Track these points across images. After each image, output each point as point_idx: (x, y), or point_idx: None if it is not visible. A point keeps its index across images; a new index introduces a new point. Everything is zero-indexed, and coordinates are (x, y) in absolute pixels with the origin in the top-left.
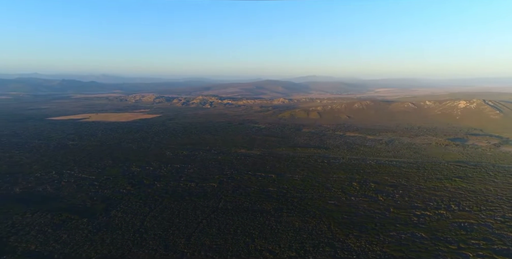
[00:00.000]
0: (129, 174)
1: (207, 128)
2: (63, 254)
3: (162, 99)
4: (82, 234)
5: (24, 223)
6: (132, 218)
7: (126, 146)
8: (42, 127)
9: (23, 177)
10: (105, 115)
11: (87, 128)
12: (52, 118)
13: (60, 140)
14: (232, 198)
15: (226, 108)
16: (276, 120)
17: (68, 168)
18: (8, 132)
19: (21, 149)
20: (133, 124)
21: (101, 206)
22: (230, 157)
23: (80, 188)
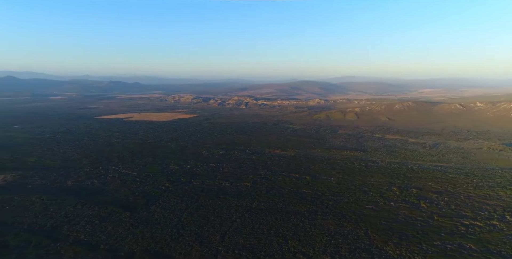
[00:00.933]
0: (167, 171)
1: (242, 128)
2: (108, 245)
3: (199, 100)
4: (125, 227)
5: (75, 213)
6: (170, 214)
7: (165, 145)
8: (91, 125)
9: (74, 171)
10: (147, 114)
11: (130, 127)
12: (100, 117)
13: (107, 137)
14: (265, 198)
15: (260, 108)
16: (311, 121)
17: (113, 164)
18: (63, 129)
19: (73, 145)
20: (172, 123)
21: (142, 201)
22: (264, 158)
23: (124, 184)
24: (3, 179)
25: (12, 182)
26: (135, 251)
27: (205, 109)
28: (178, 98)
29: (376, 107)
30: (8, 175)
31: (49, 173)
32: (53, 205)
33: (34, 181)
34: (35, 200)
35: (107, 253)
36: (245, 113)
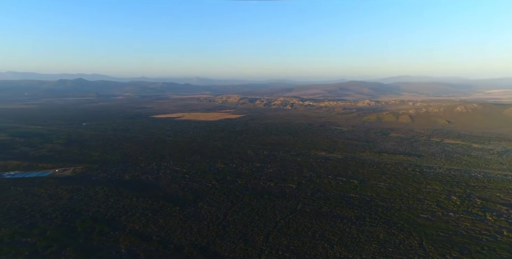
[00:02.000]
0: (214, 169)
1: (287, 129)
2: (160, 237)
3: (246, 100)
4: (175, 221)
5: (131, 205)
6: (216, 211)
7: (213, 144)
8: (146, 124)
9: (131, 166)
10: (196, 114)
11: (180, 126)
12: (154, 116)
13: (160, 135)
14: (310, 201)
15: (307, 109)
16: (360, 123)
17: (165, 160)
18: (122, 127)
19: (130, 142)
20: (219, 123)
21: (190, 197)
22: (310, 159)
23: (174, 180)
24: (73, 171)
25: (80, 174)
26: (184, 244)
27: (251, 110)
28: (226, 99)
29: (433, 109)
30: (77, 168)
31: (110, 167)
32: (113, 197)
33: (97, 174)
34: (98, 191)
35: (159, 245)
36: (291, 114)
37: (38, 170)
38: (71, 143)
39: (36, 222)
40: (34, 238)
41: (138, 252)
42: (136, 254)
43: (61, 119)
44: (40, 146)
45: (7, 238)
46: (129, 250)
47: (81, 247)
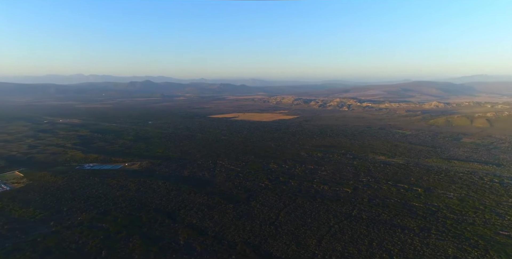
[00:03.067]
0: (267, 170)
1: (343, 131)
2: (214, 232)
3: (300, 101)
4: (228, 217)
5: (189, 200)
6: (269, 211)
7: (266, 144)
8: (204, 123)
9: (190, 163)
10: (250, 114)
11: (235, 126)
12: (211, 116)
13: (216, 134)
14: (367, 207)
15: (365, 111)
16: (426, 126)
17: (220, 159)
18: (182, 126)
19: (189, 140)
20: (273, 124)
21: (244, 195)
22: (367, 163)
23: (229, 178)
24: (139, 165)
25: (145, 168)
26: (237, 241)
27: (306, 111)
28: (280, 100)
29: None
30: (143, 162)
31: (171, 163)
32: (173, 191)
33: (160, 169)
34: (161, 185)
35: (214, 240)
36: (347, 116)
37: (112, 163)
38: (139, 139)
39: (109, 209)
40: (107, 223)
41: (195, 245)
42: (193, 247)
43: (131, 117)
44: (114, 142)
45: (87, 222)
46: (187, 243)
47: (146, 236)
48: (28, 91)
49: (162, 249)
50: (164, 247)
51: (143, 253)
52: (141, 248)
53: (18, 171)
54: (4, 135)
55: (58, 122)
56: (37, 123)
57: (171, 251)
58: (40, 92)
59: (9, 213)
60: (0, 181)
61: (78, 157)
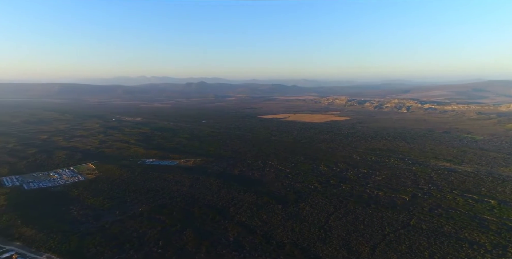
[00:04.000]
0: (317, 172)
1: (401, 134)
2: (263, 231)
3: (354, 102)
4: (277, 218)
5: (239, 198)
6: (318, 214)
7: (316, 146)
8: (254, 123)
9: (240, 162)
10: (301, 115)
11: (285, 126)
12: (261, 116)
13: (266, 135)
14: (428, 217)
15: (427, 113)
16: (503, 131)
17: (270, 159)
18: (233, 125)
19: (240, 139)
20: (324, 125)
21: (292, 196)
22: (428, 170)
23: (278, 178)
24: (194, 162)
25: (199, 165)
26: (286, 242)
27: (360, 112)
28: (332, 100)
29: None
30: (197, 160)
31: (222, 161)
32: (224, 189)
33: (212, 167)
34: (212, 182)
35: (262, 239)
36: (406, 118)
37: (169, 160)
38: (193, 138)
39: (166, 203)
40: (164, 216)
41: (244, 243)
42: (242, 245)
43: (186, 116)
44: (171, 139)
45: (146, 213)
46: (236, 240)
47: (198, 230)
48: (100, 92)
49: (213, 244)
50: (215, 243)
51: (195, 247)
52: (193, 241)
53: (91, 163)
54: (81, 131)
55: (124, 120)
56: (107, 121)
57: (221, 247)
58: (110, 92)
59: (83, 201)
60: (77, 171)
61: (140, 152)
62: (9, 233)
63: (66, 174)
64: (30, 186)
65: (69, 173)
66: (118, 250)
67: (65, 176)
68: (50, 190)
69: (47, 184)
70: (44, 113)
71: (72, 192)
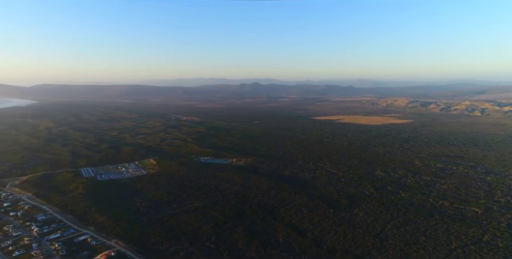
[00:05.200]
0: (373, 177)
1: (473, 140)
2: (313, 235)
3: (417, 104)
4: (328, 222)
5: (289, 200)
6: (373, 221)
7: (373, 149)
8: (306, 124)
9: (291, 163)
10: (356, 117)
11: (339, 128)
12: (314, 118)
13: (318, 136)
14: (507, 234)
15: (506, 117)
16: None
17: (322, 161)
18: (285, 126)
19: (291, 140)
20: (381, 128)
21: (345, 201)
22: (507, 181)
23: (330, 181)
24: (245, 162)
25: (250, 165)
26: (337, 248)
27: (423, 115)
28: (391, 102)
29: None
30: (248, 159)
31: (273, 162)
32: (274, 189)
33: (263, 167)
34: (263, 182)
35: (313, 242)
36: (480, 122)
37: (222, 158)
38: (245, 138)
39: (218, 200)
40: (216, 212)
41: (294, 245)
42: (292, 246)
43: (239, 117)
44: (224, 139)
45: (200, 209)
46: (286, 241)
47: (248, 229)
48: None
49: (263, 243)
50: (265, 242)
51: (245, 245)
52: (244, 239)
53: (153, 159)
54: (144, 129)
55: (182, 120)
56: (167, 120)
57: (271, 247)
58: (170, 93)
59: (145, 193)
60: (141, 166)
61: (195, 150)
62: (85, 218)
63: (131, 168)
64: (102, 177)
65: (134, 167)
66: (174, 241)
67: (130, 170)
68: (118, 182)
69: (116, 176)
70: (115, 112)
71: (136, 185)
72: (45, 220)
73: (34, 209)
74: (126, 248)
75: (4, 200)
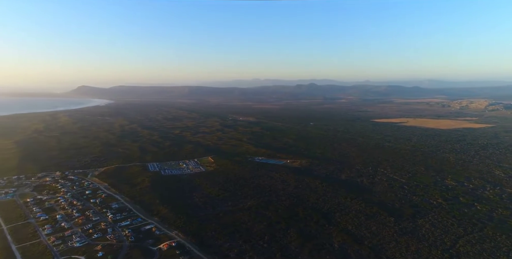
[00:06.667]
0: (441, 186)
1: None
2: (372, 244)
3: (499, 106)
4: (389, 232)
5: (345, 205)
6: (442, 234)
7: (442, 156)
8: (366, 127)
9: (347, 167)
10: (423, 120)
11: (403, 132)
12: (374, 120)
13: (378, 140)
14: None
15: None
16: None
17: (382, 166)
18: (342, 129)
19: (348, 143)
20: (453, 132)
21: (408, 210)
22: None
23: (391, 188)
24: (300, 163)
25: (305, 166)
26: None
27: (506, 119)
28: (466, 104)
29: None
30: (303, 161)
31: (329, 164)
32: (330, 193)
33: (318, 169)
34: (318, 185)
35: (370, 251)
36: None
37: (276, 159)
38: (300, 139)
39: (271, 200)
40: (270, 212)
41: (350, 252)
42: (348, 254)
43: (295, 118)
44: (279, 139)
45: (254, 208)
46: (341, 247)
47: (302, 231)
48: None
49: (316, 247)
50: (318, 246)
51: (298, 247)
52: (297, 241)
53: (211, 157)
54: (204, 128)
55: (239, 120)
56: (224, 120)
57: (325, 251)
58: (228, 94)
59: (203, 190)
60: (199, 163)
61: (250, 150)
62: (150, 209)
63: (191, 164)
64: (166, 172)
65: (193, 164)
66: (229, 238)
67: (190, 167)
68: (179, 177)
69: (177, 172)
70: (177, 111)
71: (195, 181)
72: (118, 208)
73: (109, 197)
74: (185, 240)
75: (86, 188)
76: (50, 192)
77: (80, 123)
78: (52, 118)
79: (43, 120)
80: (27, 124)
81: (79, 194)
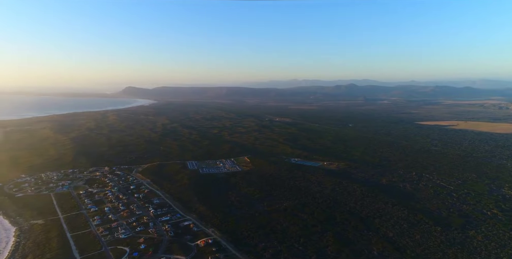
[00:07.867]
0: (497, 195)
1: None
2: (415, 253)
3: None
4: (435, 242)
5: (386, 211)
6: (497, 248)
7: (498, 162)
8: (409, 130)
9: (389, 171)
10: (476, 123)
11: (452, 136)
12: (419, 123)
13: (424, 144)
14: None
15: None
16: None
17: (427, 172)
18: (384, 131)
19: (390, 147)
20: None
21: (458, 220)
22: None
23: (437, 195)
24: (337, 166)
25: (342, 169)
26: None
27: None
28: None
29: None
30: (340, 163)
31: (368, 168)
32: (369, 197)
33: (356, 172)
34: (356, 189)
35: None
36: None
37: (312, 160)
38: (338, 141)
39: (307, 202)
40: (305, 215)
41: None
42: None
43: (333, 119)
44: (315, 141)
45: (290, 209)
46: (381, 255)
47: (339, 235)
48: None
49: (354, 253)
50: (356, 252)
51: (335, 251)
52: (334, 246)
53: (247, 157)
54: (240, 128)
55: (275, 120)
56: (261, 120)
57: (364, 258)
58: (264, 95)
59: (239, 189)
60: (236, 163)
61: (287, 151)
62: (189, 206)
63: (228, 164)
64: (204, 170)
65: (230, 163)
66: (264, 238)
67: (227, 166)
68: (216, 176)
69: (214, 170)
70: (216, 111)
71: (231, 180)
72: (159, 203)
73: (151, 193)
74: (221, 237)
75: (131, 183)
76: (99, 185)
77: (126, 122)
78: (102, 117)
79: (95, 118)
80: (81, 122)
81: (125, 188)
